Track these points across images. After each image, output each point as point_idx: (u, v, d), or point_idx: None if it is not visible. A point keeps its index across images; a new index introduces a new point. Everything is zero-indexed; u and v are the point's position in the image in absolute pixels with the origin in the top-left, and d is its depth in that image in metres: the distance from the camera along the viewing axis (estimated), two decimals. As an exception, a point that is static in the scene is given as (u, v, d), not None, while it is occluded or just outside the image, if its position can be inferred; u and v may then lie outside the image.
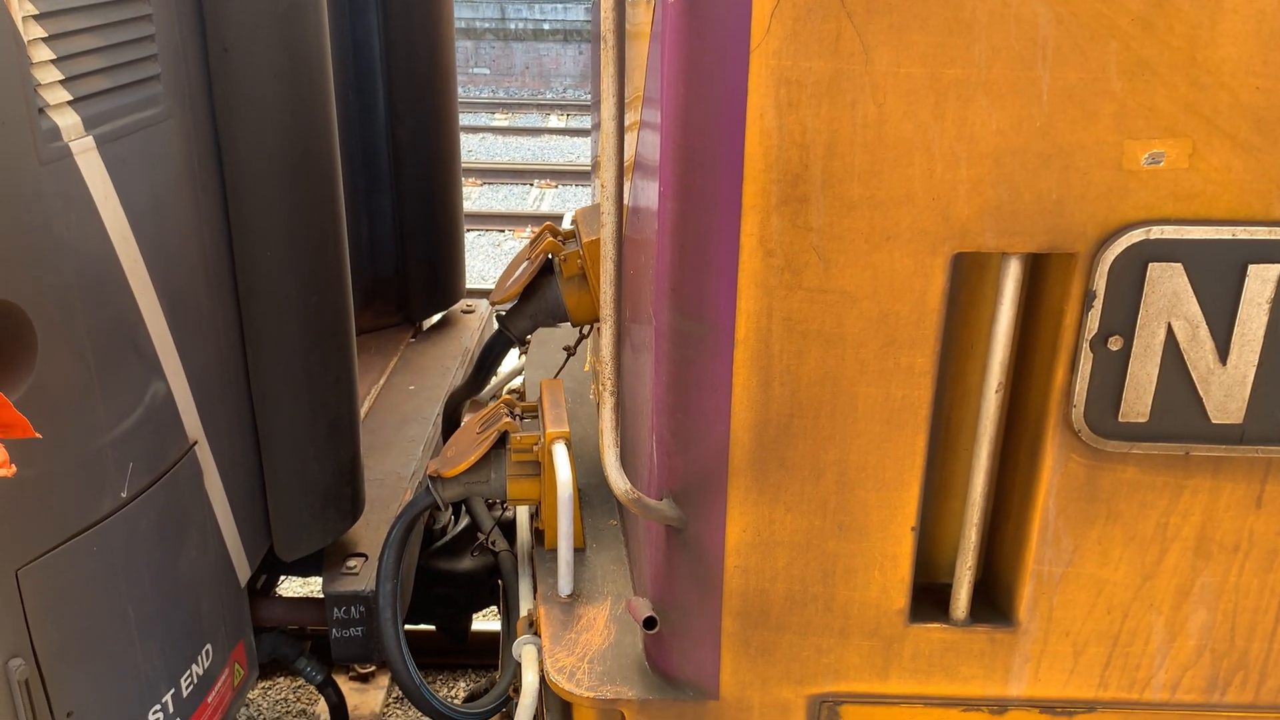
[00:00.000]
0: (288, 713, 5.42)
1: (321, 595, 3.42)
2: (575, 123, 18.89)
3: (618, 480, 2.14)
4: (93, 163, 2.31)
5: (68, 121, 2.25)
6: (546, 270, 3.26)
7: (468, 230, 12.11)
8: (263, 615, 3.61)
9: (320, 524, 3.34)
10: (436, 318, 5.19)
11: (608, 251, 2.01)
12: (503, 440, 2.86)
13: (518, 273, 3.25)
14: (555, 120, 19.28)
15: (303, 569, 3.79)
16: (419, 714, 5.39)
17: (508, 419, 2.84)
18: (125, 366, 2.50)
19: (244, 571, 3.14)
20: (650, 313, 2.17)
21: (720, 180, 1.88)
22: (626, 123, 2.00)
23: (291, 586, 5.65)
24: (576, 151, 16.84)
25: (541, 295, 3.27)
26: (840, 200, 1.86)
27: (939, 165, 1.83)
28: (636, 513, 2.20)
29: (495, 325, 3.57)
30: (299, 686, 5.60)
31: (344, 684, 5.42)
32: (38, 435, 1.92)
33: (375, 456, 3.98)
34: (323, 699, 5.01)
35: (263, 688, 5.57)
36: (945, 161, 1.83)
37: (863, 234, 1.88)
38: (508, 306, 3.42)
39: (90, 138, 2.31)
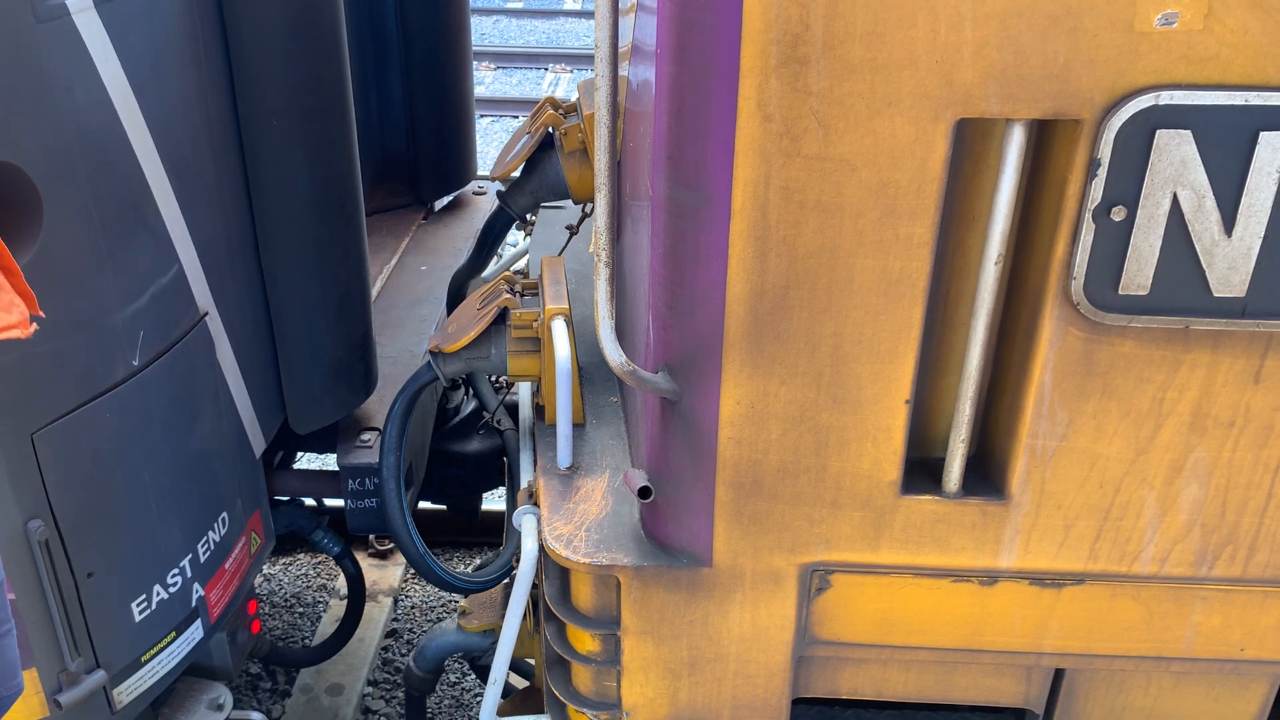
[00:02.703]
0: (308, 587, 5.60)
1: (337, 468, 3.50)
2: (592, 5, 18.35)
3: (612, 352, 2.15)
4: (91, 22, 2.28)
5: (62, -21, 2.22)
6: (547, 145, 3.19)
7: (480, 116, 11.90)
8: (279, 487, 3.70)
9: (333, 397, 3.39)
10: (448, 199, 5.15)
11: (602, 117, 1.98)
12: (503, 316, 2.87)
13: (518, 147, 3.19)
14: (571, 2, 18.76)
15: (319, 445, 3.87)
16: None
17: (507, 295, 2.85)
18: (132, 233, 2.51)
19: (258, 442, 3.20)
20: (647, 185, 2.14)
21: (718, 41, 1.83)
22: (625, 6, 1.93)
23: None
24: (594, 35, 16.40)
25: (542, 171, 3.21)
26: (841, 63, 1.81)
27: (943, 26, 1.77)
28: (632, 385, 2.22)
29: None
30: (319, 562, 5.78)
31: (363, 560, 5.60)
32: (42, 314, 1.94)
33: (388, 335, 4.02)
34: (342, 574, 5.18)
35: (283, 564, 5.75)
36: (949, 22, 1.77)
37: (863, 99, 1.84)
38: (509, 183, 3.37)
39: (87, -4, 2.27)
